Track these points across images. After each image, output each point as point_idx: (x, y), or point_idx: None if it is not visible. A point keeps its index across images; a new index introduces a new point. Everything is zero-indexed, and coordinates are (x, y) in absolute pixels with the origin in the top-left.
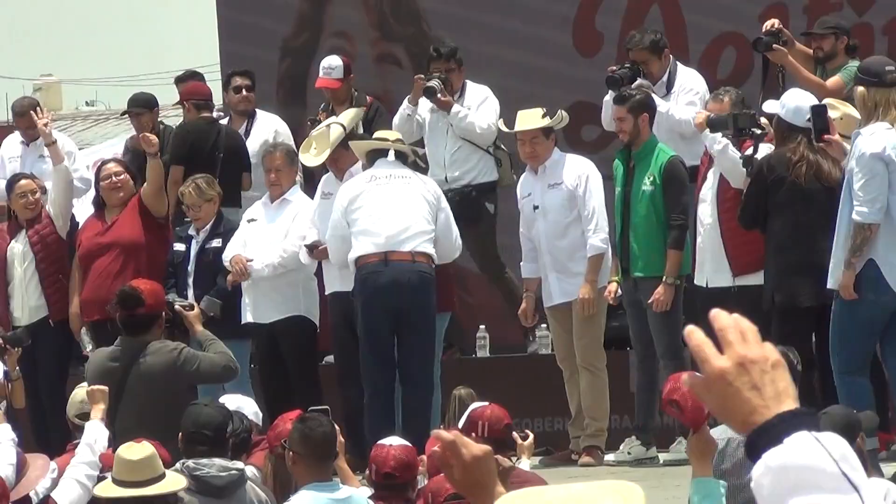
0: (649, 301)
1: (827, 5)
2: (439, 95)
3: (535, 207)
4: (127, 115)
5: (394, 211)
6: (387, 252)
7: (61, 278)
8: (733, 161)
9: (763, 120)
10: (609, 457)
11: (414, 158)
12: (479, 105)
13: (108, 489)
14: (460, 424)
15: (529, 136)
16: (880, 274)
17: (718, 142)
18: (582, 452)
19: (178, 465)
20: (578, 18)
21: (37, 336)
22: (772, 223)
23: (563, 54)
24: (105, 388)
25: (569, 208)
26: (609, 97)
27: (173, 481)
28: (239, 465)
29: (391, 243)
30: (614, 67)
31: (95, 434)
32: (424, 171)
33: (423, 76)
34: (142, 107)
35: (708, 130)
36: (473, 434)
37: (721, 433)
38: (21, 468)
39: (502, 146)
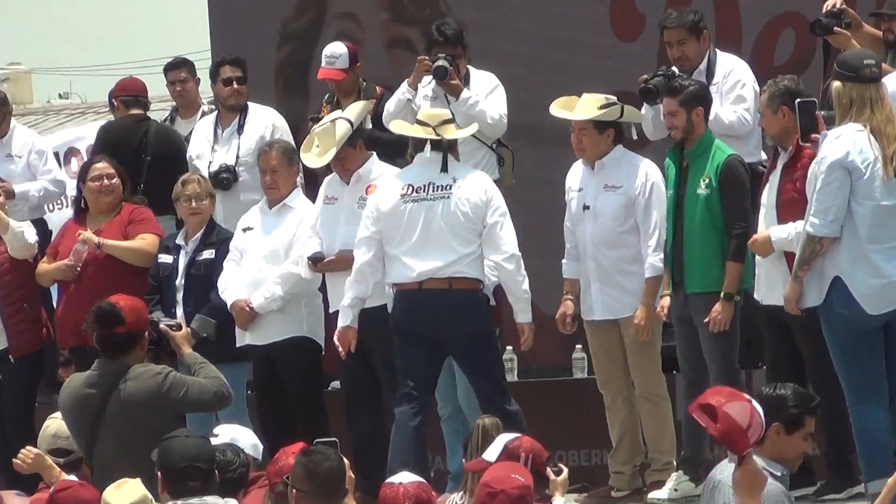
0: (705, 320)
1: None
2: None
3: (586, 207)
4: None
5: (428, 242)
6: (422, 281)
7: (25, 307)
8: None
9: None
10: (655, 494)
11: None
12: (488, 94)
13: None
14: (492, 457)
15: (578, 126)
16: (849, 291)
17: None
18: (646, 487)
19: None
20: (617, 2)
21: None
22: None
23: (599, 38)
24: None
25: (625, 216)
26: (645, 111)
27: None
28: (233, 502)
29: (427, 273)
30: (646, 76)
31: None
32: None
33: (428, 57)
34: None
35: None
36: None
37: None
38: None
39: (505, 143)
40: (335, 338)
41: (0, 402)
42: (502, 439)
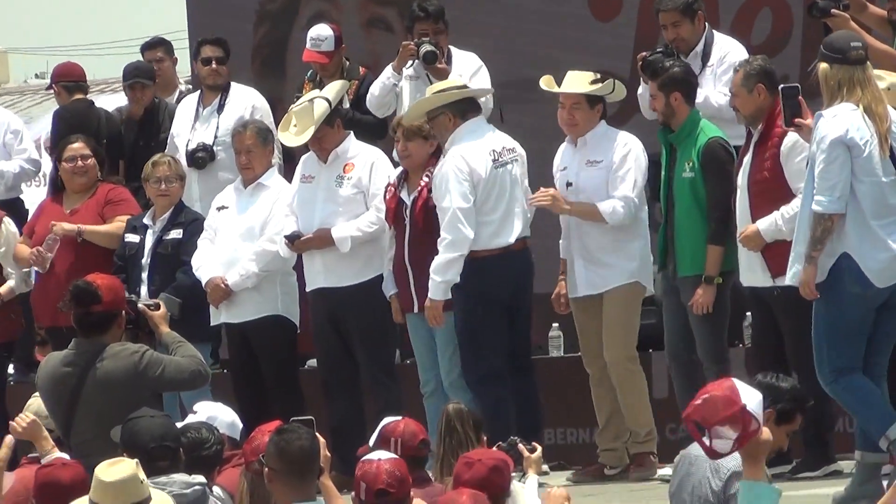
0: (689, 303)
1: None
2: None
3: (569, 184)
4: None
5: (511, 205)
6: (507, 245)
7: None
8: None
9: None
10: (665, 471)
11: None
12: (472, 76)
13: None
14: (372, 441)
15: (571, 100)
16: (859, 267)
17: None
18: (632, 464)
19: None
20: None
21: None
22: None
23: (577, 18)
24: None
25: (606, 191)
26: (643, 90)
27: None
28: (200, 478)
29: (516, 236)
30: (646, 53)
31: None
32: None
33: (413, 42)
34: (146, 78)
35: None
36: (387, 450)
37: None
38: None
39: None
40: (426, 310)
41: None
42: (383, 422)
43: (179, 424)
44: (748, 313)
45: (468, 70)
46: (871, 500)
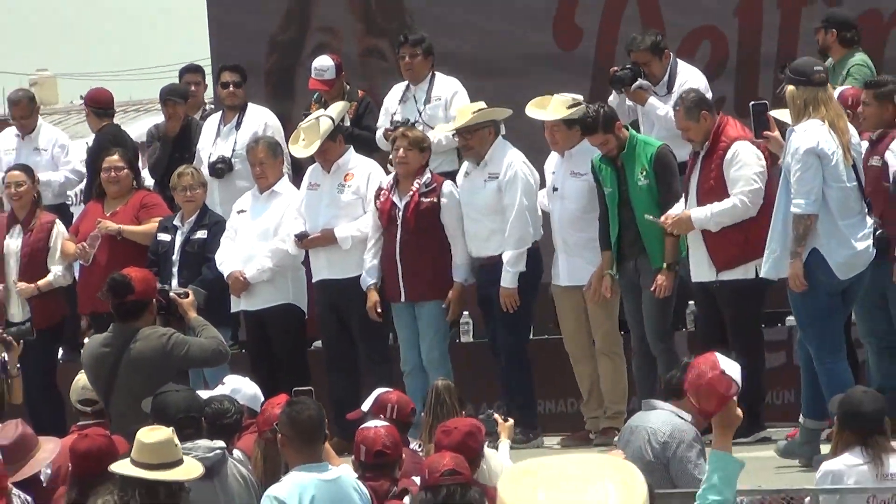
0: (651, 288)
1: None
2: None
3: (555, 189)
4: (161, 104)
5: None
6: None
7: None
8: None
9: None
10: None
11: None
12: (453, 96)
13: (124, 468)
14: (366, 407)
15: (551, 124)
16: (826, 261)
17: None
18: (601, 432)
19: None
20: (558, 15)
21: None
22: None
23: (545, 47)
24: None
25: (588, 199)
26: (613, 98)
27: (191, 468)
28: (220, 443)
29: None
30: (616, 68)
31: None
32: None
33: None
34: (179, 97)
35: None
36: (382, 415)
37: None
38: (32, 449)
39: None
40: (505, 297)
41: (25, 365)
42: (377, 392)
43: (205, 395)
44: (691, 302)
45: (449, 92)
46: (807, 459)
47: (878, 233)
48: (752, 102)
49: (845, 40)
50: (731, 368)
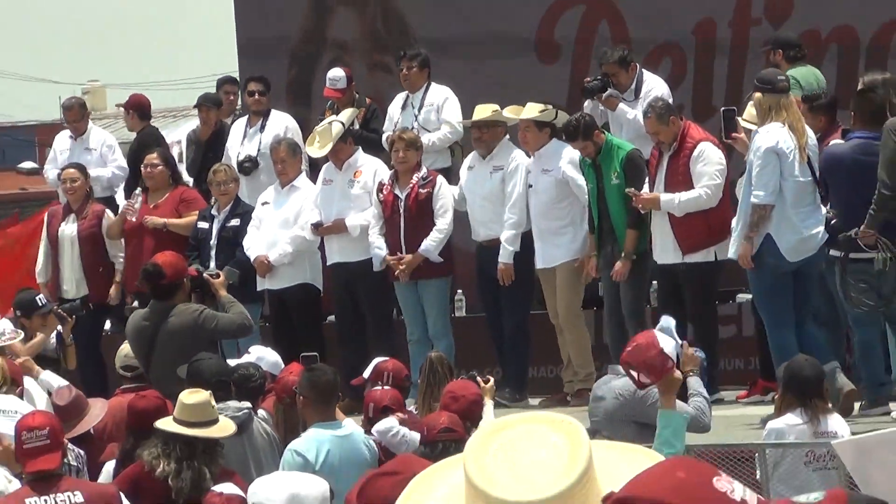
0: (610, 274)
1: (749, 19)
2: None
3: (530, 186)
4: (197, 109)
5: None
6: None
7: (101, 270)
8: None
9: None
10: None
11: None
12: (444, 102)
13: (167, 424)
14: (366, 374)
15: (522, 125)
16: (775, 244)
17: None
18: (575, 394)
19: None
20: (540, 33)
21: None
22: None
23: (527, 63)
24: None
25: (556, 192)
26: (587, 105)
27: (226, 426)
28: (247, 404)
29: None
30: (588, 79)
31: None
32: None
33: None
34: (212, 104)
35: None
36: (380, 381)
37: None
38: (84, 410)
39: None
40: (502, 271)
41: (76, 336)
42: (375, 361)
43: (232, 363)
44: (654, 282)
45: (441, 98)
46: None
47: (832, 222)
48: (723, 108)
49: (790, 58)
50: (668, 346)
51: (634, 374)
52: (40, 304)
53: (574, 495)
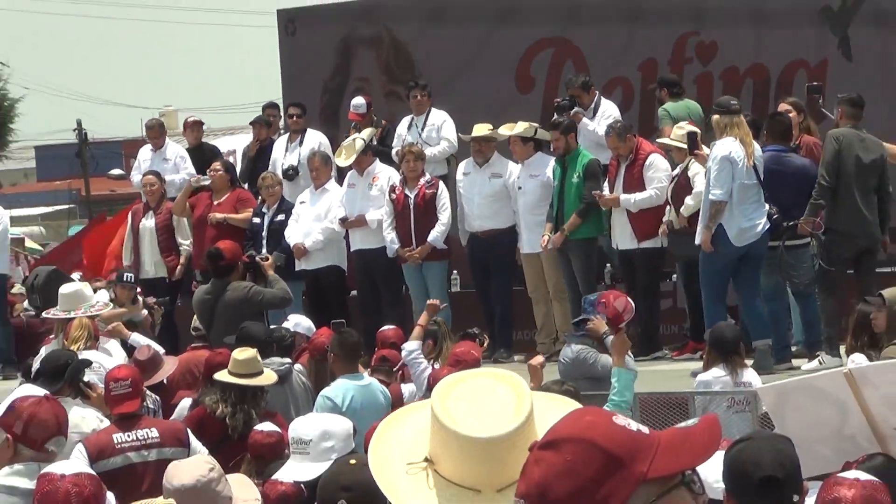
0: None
1: (683, 59)
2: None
3: (519, 188)
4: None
5: None
6: None
7: (174, 255)
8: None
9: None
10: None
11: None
12: (442, 123)
13: (223, 376)
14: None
15: (512, 139)
16: (725, 232)
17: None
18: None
19: None
20: (519, 69)
21: (156, 287)
22: None
23: (508, 92)
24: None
25: (541, 193)
26: (555, 118)
27: (269, 376)
28: (287, 360)
29: None
30: (559, 99)
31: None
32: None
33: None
34: (263, 123)
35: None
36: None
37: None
38: (159, 364)
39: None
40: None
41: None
42: (380, 329)
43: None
44: (608, 264)
45: (440, 120)
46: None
47: (773, 217)
48: (689, 131)
49: (673, 94)
50: (623, 305)
51: (598, 317)
52: (126, 280)
53: (522, 433)
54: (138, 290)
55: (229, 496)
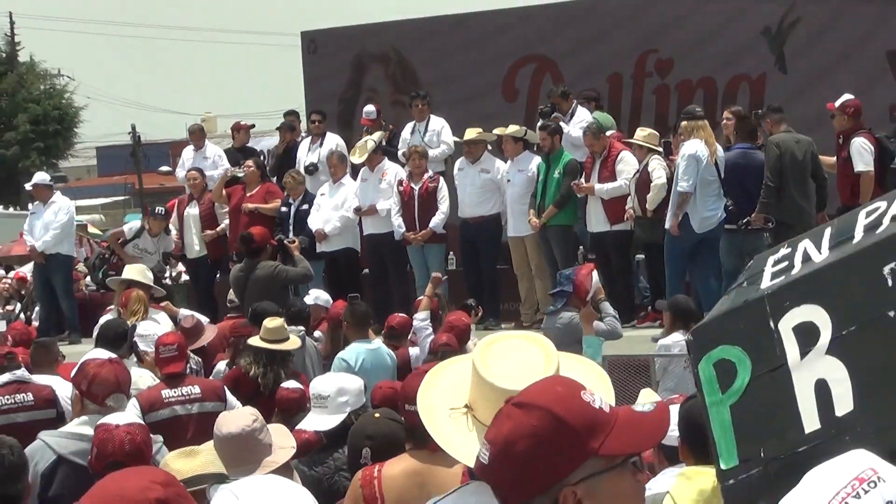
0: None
1: (644, 73)
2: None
3: (509, 180)
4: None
5: None
6: None
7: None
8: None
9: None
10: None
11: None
12: (441, 129)
13: (255, 342)
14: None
15: (505, 138)
16: (689, 219)
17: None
18: (534, 323)
19: None
20: (505, 81)
21: (199, 265)
22: None
23: (496, 100)
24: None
25: (526, 185)
26: (540, 124)
27: (294, 342)
28: (301, 328)
29: None
30: (542, 106)
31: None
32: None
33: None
34: (288, 128)
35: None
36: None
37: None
38: (201, 331)
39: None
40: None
41: (199, 283)
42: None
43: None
44: (581, 247)
45: (439, 126)
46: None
47: (729, 209)
48: (664, 141)
49: (598, 106)
50: (590, 280)
51: (567, 288)
52: (157, 213)
53: None
54: (169, 221)
55: (269, 443)
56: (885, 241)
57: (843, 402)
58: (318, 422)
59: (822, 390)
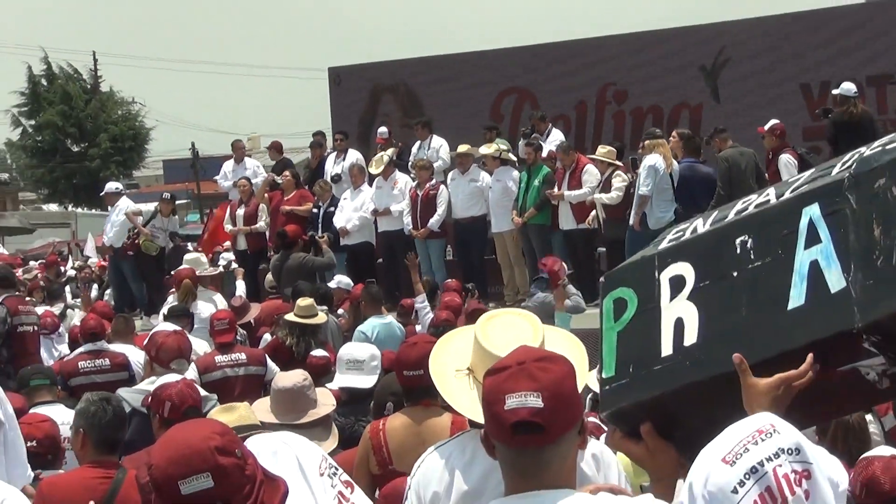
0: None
1: (605, 101)
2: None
3: (490, 188)
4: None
5: None
6: None
7: (251, 230)
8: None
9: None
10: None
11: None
12: (440, 146)
13: (290, 317)
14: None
15: (487, 156)
16: (646, 218)
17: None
18: (515, 304)
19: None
20: (492, 107)
21: (246, 257)
22: None
23: (485, 123)
24: None
25: (504, 192)
26: (522, 142)
27: (322, 317)
28: (325, 307)
29: None
30: (524, 129)
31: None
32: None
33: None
34: (318, 145)
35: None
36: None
37: None
38: (248, 309)
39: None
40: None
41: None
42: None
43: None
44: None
45: (438, 144)
46: None
47: (678, 213)
48: (632, 157)
49: (546, 126)
50: (562, 267)
51: (544, 275)
52: (165, 198)
53: None
54: (175, 204)
55: (315, 399)
56: (742, 220)
57: (690, 336)
58: (356, 381)
59: (679, 326)
